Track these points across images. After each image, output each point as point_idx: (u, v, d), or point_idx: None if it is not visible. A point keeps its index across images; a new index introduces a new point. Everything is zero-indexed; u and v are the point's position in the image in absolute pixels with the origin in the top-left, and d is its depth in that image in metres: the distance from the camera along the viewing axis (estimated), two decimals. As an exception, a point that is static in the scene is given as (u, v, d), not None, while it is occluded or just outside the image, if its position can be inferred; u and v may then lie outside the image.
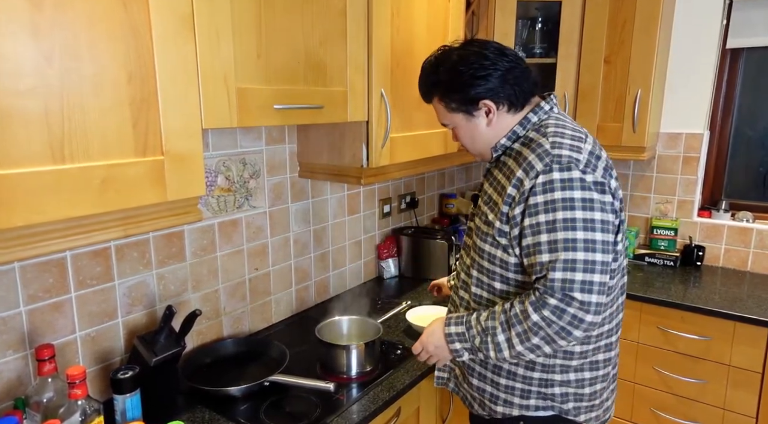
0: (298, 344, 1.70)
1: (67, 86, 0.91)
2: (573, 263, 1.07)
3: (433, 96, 1.30)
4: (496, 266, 1.22)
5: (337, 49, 1.47)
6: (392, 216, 2.44)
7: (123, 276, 1.41)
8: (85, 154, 0.95)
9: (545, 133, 1.18)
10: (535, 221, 1.11)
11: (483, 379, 1.31)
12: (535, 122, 1.24)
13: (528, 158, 1.14)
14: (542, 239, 1.10)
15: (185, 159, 1.11)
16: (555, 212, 1.08)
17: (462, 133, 1.30)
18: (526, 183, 1.12)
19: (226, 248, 1.68)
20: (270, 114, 1.29)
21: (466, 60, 1.21)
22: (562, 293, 1.07)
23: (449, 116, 1.28)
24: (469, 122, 1.27)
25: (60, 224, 0.95)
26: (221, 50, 1.15)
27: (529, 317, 1.10)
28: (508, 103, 1.23)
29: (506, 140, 1.26)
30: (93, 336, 1.36)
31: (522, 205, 1.13)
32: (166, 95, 1.05)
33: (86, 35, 0.92)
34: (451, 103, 1.26)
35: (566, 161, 1.10)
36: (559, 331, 1.09)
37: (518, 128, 1.25)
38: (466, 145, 1.33)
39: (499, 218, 1.17)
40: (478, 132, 1.27)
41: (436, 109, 1.31)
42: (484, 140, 1.28)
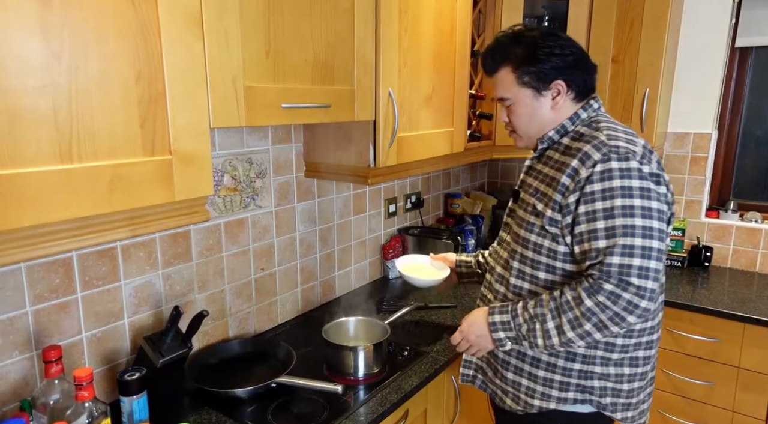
0: (304, 345, 1.69)
1: (75, 85, 0.90)
2: (631, 248, 1.08)
3: (505, 67, 1.27)
4: (543, 255, 1.23)
5: (345, 48, 1.46)
6: (398, 216, 2.42)
7: (129, 276, 1.40)
8: (93, 154, 0.94)
9: (598, 128, 1.21)
10: (591, 208, 1.12)
11: (519, 372, 1.31)
12: (584, 118, 1.27)
13: (583, 149, 1.16)
14: (599, 225, 1.11)
15: (193, 159, 1.10)
16: (613, 200, 1.10)
17: (521, 110, 1.28)
18: (582, 172, 1.14)
19: (232, 248, 1.67)
20: (278, 113, 1.28)
21: (547, 36, 1.25)
22: (619, 278, 1.08)
23: (515, 90, 1.27)
24: (534, 100, 1.26)
25: (67, 224, 0.94)
26: (230, 49, 1.14)
27: (583, 303, 1.11)
28: (576, 91, 1.25)
29: (554, 133, 1.27)
30: (99, 337, 1.35)
31: (577, 194, 1.14)
32: (175, 94, 1.04)
33: (95, 34, 0.91)
34: (524, 77, 1.25)
35: (624, 152, 1.12)
36: (613, 316, 1.10)
37: (567, 122, 1.27)
38: (518, 125, 1.31)
39: (551, 207, 1.19)
40: (539, 113, 1.27)
41: (501, 82, 1.29)
42: (541, 123, 1.28)
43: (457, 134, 2.05)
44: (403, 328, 1.84)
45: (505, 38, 1.30)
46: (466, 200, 2.79)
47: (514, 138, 1.37)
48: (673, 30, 2.31)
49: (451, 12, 1.90)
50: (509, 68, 1.27)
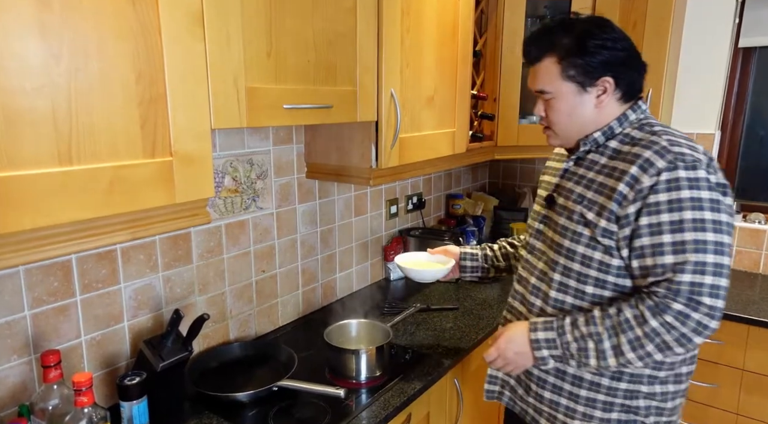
0: (305, 348, 1.67)
1: (74, 86, 0.88)
2: (703, 265, 1.01)
3: (550, 56, 1.16)
4: (592, 268, 1.15)
5: (347, 48, 1.45)
6: (399, 217, 2.41)
7: (129, 279, 1.38)
8: (93, 156, 0.93)
9: (654, 132, 1.12)
10: (656, 220, 1.04)
11: (558, 391, 1.23)
12: (632, 121, 1.17)
13: (643, 155, 1.07)
14: (665, 239, 1.03)
15: (194, 160, 1.08)
16: (682, 212, 1.02)
17: (561, 106, 1.18)
18: (644, 180, 1.05)
19: (233, 250, 1.65)
20: (279, 114, 1.27)
21: (601, 26, 1.13)
22: (689, 297, 1.01)
23: (557, 83, 1.16)
24: (576, 97, 1.16)
25: (67, 226, 0.93)
26: (231, 49, 1.13)
27: (647, 323, 1.04)
28: (623, 91, 1.16)
29: (600, 135, 1.18)
30: (98, 340, 1.33)
31: (638, 204, 1.06)
32: (175, 95, 1.02)
33: (95, 34, 0.90)
34: (570, 70, 1.14)
35: (690, 160, 1.04)
36: (680, 337, 1.03)
37: (615, 124, 1.17)
38: (556, 122, 1.21)
39: (606, 217, 1.10)
40: (581, 111, 1.17)
41: (543, 73, 1.18)
42: (582, 122, 1.18)
43: (459, 135, 2.04)
44: (404, 330, 1.82)
45: (552, 25, 1.18)
46: (467, 201, 2.78)
47: (548, 135, 1.26)
48: (676, 30, 2.30)
49: (453, 12, 1.88)
50: (554, 59, 1.15)
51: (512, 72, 2.31)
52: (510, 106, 2.34)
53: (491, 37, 2.31)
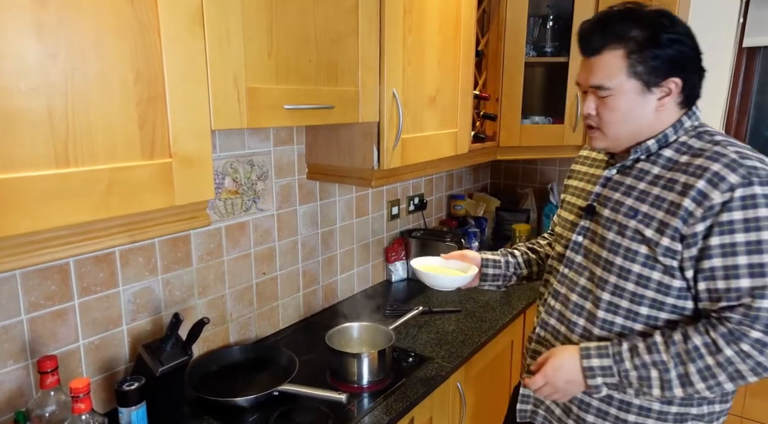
0: (306, 351, 1.65)
1: (71, 86, 0.86)
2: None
3: (615, 49, 1.04)
4: (650, 289, 1.06)
5: (349, 47, 1.43)
6: (400, 218, 2.39)
7: (128, 282, 1.36)
8: (90, 157, 0.91)
9: (716, 141, 1.04)
10: (729, 240, 0.96)
11: (604, 416, 1.14)
12: (688, 128, 1.09)
13: (710, 168, 0.99)
14: (740, 261, 0.96)
15: (194, 161, 1.06)
16: (759, 232, 0.95)
17: (619, 104, 1.06)
18: (714, 196, 0.97)
19: (233, 252, 1.63)
20: (280, 114, 1.25)
21: (671, 19, 1.03)
22: (767, 324, 0.95)
23: (620, 80, 1.05)
24: (638, 97, 1.05)
25: (64, 230, 0.91)
26: (231, 49, 1.11)
27: (720, 352, 0.97)
28: (685, 94, 1.07)
29: (654, 143, 1.08)
30: (97, 344, 1.31)
31: (708, 222, 0.97)
32: (175, 95, 1.00)
33: (92, 33, 0.87)
34: (638, 65, 1.03)
35: (765, 175, 0.97)
36: (756, 367, 0.96)
37: (670, 131, 1.08)
38: (608, 122, 1.09)
39: (670, 236, 1.01)
40: (639, 113, 1.07)
41: (605, 66, 1.06)
42: (637, 126, 1.08)
43: (462, 135, 2.02)
44: (407, 333, 1.80)
45: (618, 13, 1.06)
46: (469, 202, 2.76)
47: (594, 137, 1.13)
48: (680, 30, 2.28)
49: (455, 11, 1.86)
50: (621, 52, 1.04)
51: (515, 72, 2.29)
52: (512, 107, 2.32)
53: (493, 37, 2.29)
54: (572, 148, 2.37)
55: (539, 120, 2.46)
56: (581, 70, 1.13)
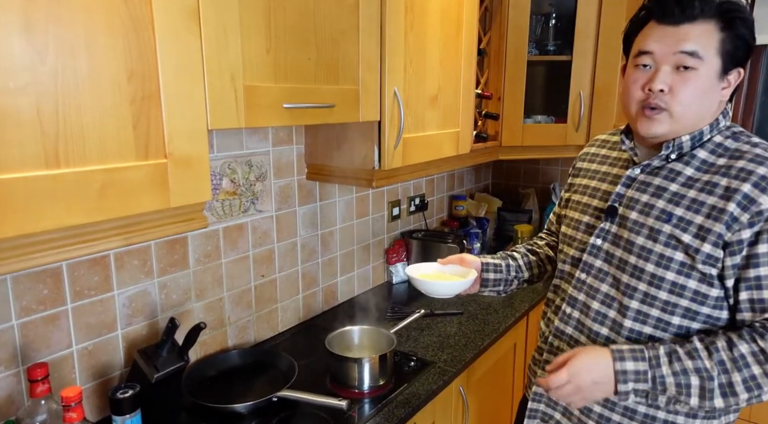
0: (306, 355, 1.62)
1: (62, 84, 0.83)
2: None
3: (709, 21, 0.96)
4: (684, 298, 1.01)
5: (349, 45, 1.39)
6: (401, 219, 2.36)
7: (123, 285, 1.33)
8: (82, 158, 0.87)
9: (755, 143, 1.00)
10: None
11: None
12: (722, 127, 1.04)
13: (756, 171, 0.95)
14: None
15: (190, 162, 1.03)
16: None
17: (701, 83, 0.97)
18: (763, 201, 0.93)
19: (231, 255, 1.60)
20: (279, 114, 1.21)
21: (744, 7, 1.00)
22: None
23: (710, 54, 0.96)
24: (715, 79, 0.98)
25: (55, 233, 0.87)
26: (229, 46, 1.07)
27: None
28: (734, 91, 1.02)
29: (688, 140, 1.02)
30: (90, 350, 1.28)
31: (756, 228, 0.93)
32: (170, 94, 0.97)
33: (82, 29, 0.84)
34: (728, 44, 0.95)
35: None
36: None
37: (706, 129, 1.02)
38: (685, 102, 0.98)
39: (712, 242, 0.96)
40: (712, 97, 0.99)
41: (698, 36, 0.96)
42: (706, 110, 1.00)
43: (463, 135, 1.99)
44: (408, 336, 1.77)
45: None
46: (470, 202, 2.73)
47: (656, 119, 1.00)
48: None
49: (457, 8, 1.83)
50: (715, 26, 0.95)
51: (517, 70, 2.26)
52: (515, 106, 2.29)
53: (495, 35, 2.26)
54: (575, 147, 2.34)
55: (541, 119, 2.43)
56: (657, 38, 0.99)
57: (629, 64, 1.07)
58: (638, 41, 1.03)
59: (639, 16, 1.05)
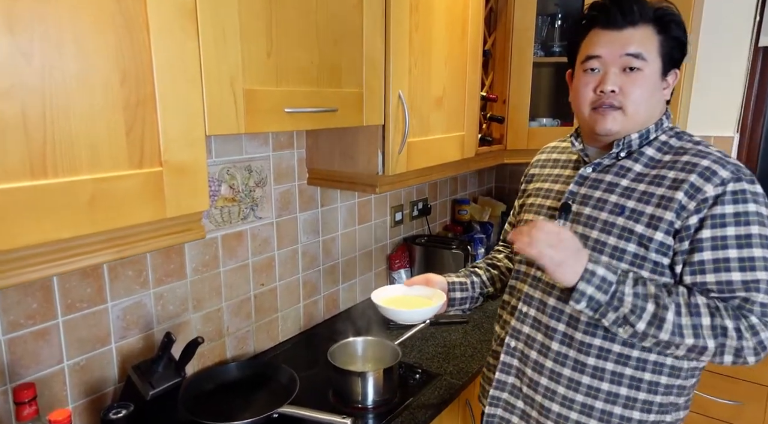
0: (307, 367, 1.56)
1: (49, 87, 0.77)
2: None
3: (648, 26, 1.04)
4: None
5: (353, 47, 1.34)
6: (404, 224, 2.30)
7: (117, 297, 1.27)
8: (71, 167, 0.82)
9: (696, 141, 1.07)
10: (720, 233, 0.97)
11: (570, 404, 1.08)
12: (666, 127, 1.10)
13: (701, 164, 1.00)
14: (731, 254, 0.96)
15: (187, 170, 0.97)
16: (749, 226, 0.96)
17: (646, 83, 1.04)
18: (708, 190, 0.97)
19: (229, 263, 1.54)
20: (280, 118, 1.16)
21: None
22: (760, 316, 0.95)
23: (652, 56, 1.04)
24: (658, 79, 1.06)
25: (42, 247, 0.82)
26: (228, 48, 1.02)
27: (723, 319, 0.95)
28: (672, 90, 1.11)
29: (636, 137, 1.07)
30: (83, 365, 1.22)
31: (701, 214, 0.97)
32: (165, 98, 0.92)
33: (71, 28, 0.79)
34: (666, 46, 1.04)
35: (748, 173, 1.00)
36: (741, 349, 0.95)
37: (652, 128, 1.08)
38: (636, 101, 1.04)
39: (664, 230, 0.99)
40: (657, 96, 1.07)
41: (641, 38, 1.03)
42: (653, 108, 1.07)
43: (468, 139, 1.93)
44: (412, 346, 1.71)
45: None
46: (474, 207, 2.68)
47: (610, 118, 1.05)
48: (694, 28, 2.20)
49: (463, 9, 1.78)
50: (653, 29, 1.04)
51: (522, 72, 2.21)
52: (520, 108, 2.23)
53: (501, 36, 2.21)
54: (581, 151, 2.28)
55: (546, 122, 2.37)
56: (603, 43, 1.05)
57: (577, 69, 1.12)
58: (585, 47, 1.10)
59: (582, 24, 1.12)
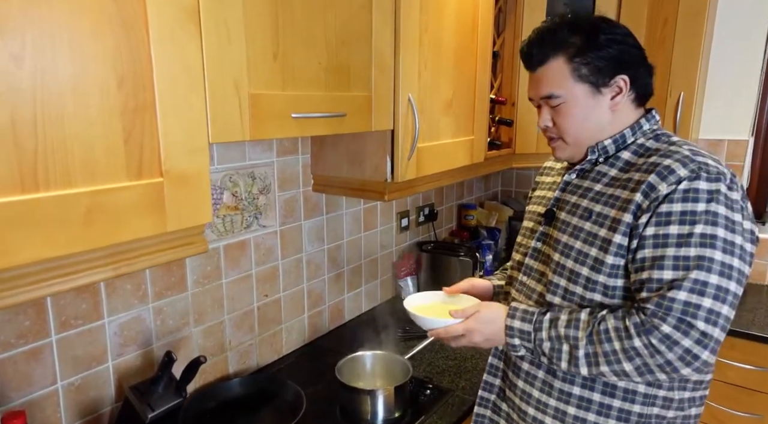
0: (313, 382, 1.50)
1: (41, 92, 0.71)
2: (704, 285, 0.89)
3: (557, 57, 1.04)
4: (596, 292, 1.01)
5: (362, 48, 1.28)
6: (410, 230, 2.24)
7: (114, 312, 1.21)
8: (65, 179, 0.76)
9: (672, 142, 1.02)
10: (662, 231, 0.93)
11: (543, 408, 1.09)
12: (646, 130, 1.06)
13: (663, 163, 0.96)
14: (668, 252, 0.92)
15: (189, 180, 0.91)
16: (693, 226, 0.91)
17: (574, 111, 1.05)
18: (661, 188, 0.94)
19: (232, 274, 1.48)
20: (287, 124, 1.10)
21: (606, 21, 1.05)
22: (680, 318, 0.89)
23: (568, 86, 1.04)
24: (590, 99, 1.04)
25: (33, 267, 0.76)
26: (232, 49, 0.96)
27: (631, 339, 0.92)
28: (637, 91, 1.06)
29: (611, 143, 1.06)
30: (78, 385, 1.16)
31: (649, 214, 0.95)
32: (166, 103, 0.85)
33: (65, 30, 0.73)
34: (583, 68, 1.02)
35: (714, 172, 0.94)
36: (664, 365, 0.91)
37: (628, 132, 1.06)
38: (568, 130, 1.07)
39: (621, 232, 0.98)
40: (596, 114, 1.05)
41: (550, 76, 1.05)
42: (597, 127, 1.06)
43: (478, 143, 1.87)
44: (421, 359, 1.65)
45: (555, 24, 1.07)
46: (480, 212, 2.62)
47: (556, 147, 1.12)
48: (708, 29, 2.14)
49: (473, 8, 1.72)
50: (563, 59, 1.03)
51: (531, 74, 2.15)
52: (529, 111, 2.17)
53: (509, 37, 2.15)
54: (592, 155, 2.22)
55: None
56: (530, 86, 1.11)
57: None
58: None
59: None
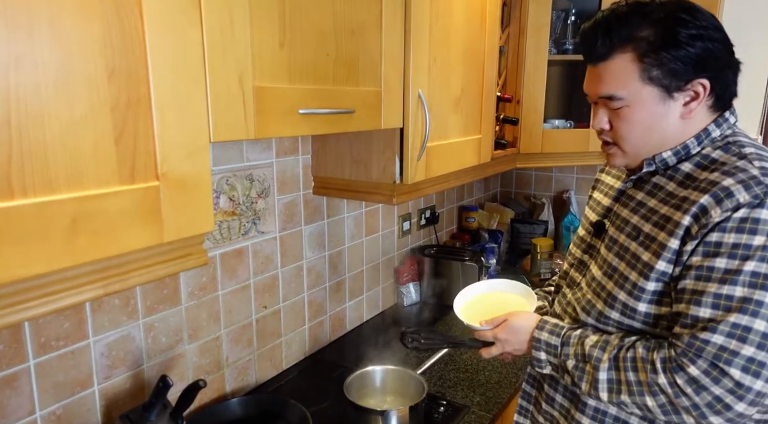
0: (316, 400, 1.39)
1: (17, 85, 0.60)
2: (746, 331, 0.78)
3: (624, 52, 0.89)
4: (634, 320, 0.92)
5: (371, 39, 1.18)
6: (411, 234, 2.14)
7: (100, 331, 1.09)
8: (46, 185, 0.64)
9: (743, 155, 0.87)
10: (708, 263, 0.82)
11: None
12: (715, 138, 0.92)
13: (722, 182, 0.83)
14: (709, 288, 0.81)
15: (187, 185, 0.81)
16: (745, 261, 0.79)
17: (639, 117, 0.91)
18: (714, 213, 0.82)
19: (229, 285, 1.36)
20: (294, 121, 0.99)
21: (690, 11, 0.87)
22: (711, 363, 0.79)
23: (634, 87, 0.89)
24: (659, 105, 0.89)
25: (8, 287, 0.64)
26: (236, 36, 0.85)
27: (656, 374, 0.84)
28: (717, 95, 0.90)
29: (671, 155, 0.93)
30: (59, 414, 1.04)
31: (697, 241, 0.83)
32: (163, 97, 0.75)
33: (47, 13, 0.61)
34: (654, 69, 0.87)
35: None
36: (690, 408, 0.82)
37: (692, 142, 0.92)
38: (628, 137, 0.94)
39: (665, 258, 0.87)
40: (663, 124, 0.91)
41: (614, 74, 0.90)
42: (662, 138, 0.92)
43: (485, 142, 1.78)
44: (432, 373, 1.55)
45: (625, 10, 0.89)
46: (481, 213, 2.53)
47: (612, 154, 0.98)
48: (717, 25, 2.08)
49: (481, 2, 1.62)
50: (630, 56, 0.88)
51: (537, 71, 2.06)
52: (534, 110, 2.09)
53: (514, 33, 2.06)
54: (598, 154, 2.14)
55: (559, 124, 2.24)
56: (588, 79, 0.97)
57: None
58: None
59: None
